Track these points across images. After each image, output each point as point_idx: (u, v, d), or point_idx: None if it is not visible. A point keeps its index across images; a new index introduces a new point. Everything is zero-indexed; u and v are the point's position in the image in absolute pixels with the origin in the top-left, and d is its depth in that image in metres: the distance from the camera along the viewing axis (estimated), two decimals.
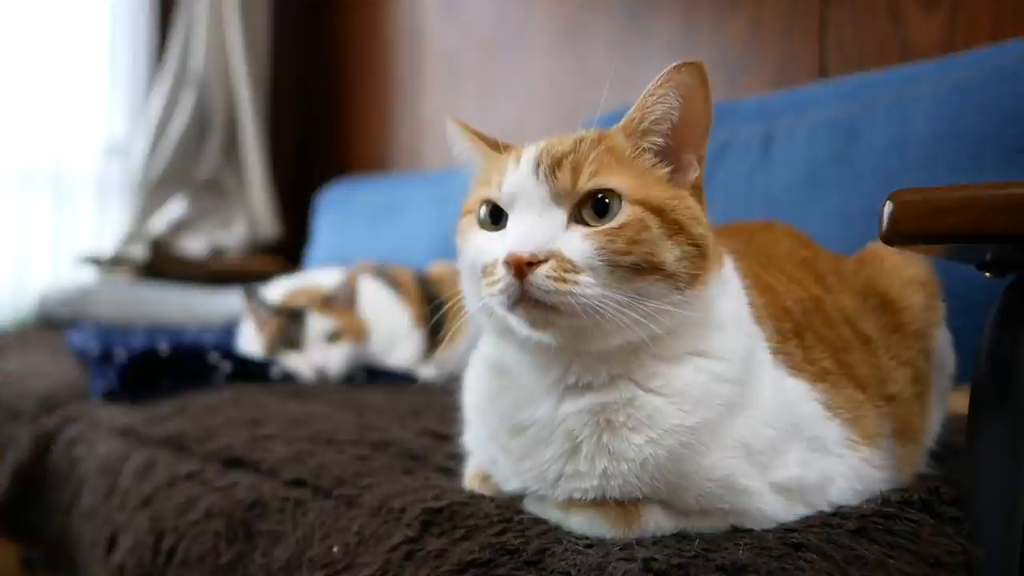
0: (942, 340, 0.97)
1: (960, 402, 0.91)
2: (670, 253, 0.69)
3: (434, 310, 2.02)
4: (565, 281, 0.66)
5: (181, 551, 0.98)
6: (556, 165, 0.71)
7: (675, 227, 0.70)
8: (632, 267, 0.68)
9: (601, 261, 0.67)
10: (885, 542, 0.68)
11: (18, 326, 2.96)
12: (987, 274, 0.74)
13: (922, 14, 1.72)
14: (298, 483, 0.96)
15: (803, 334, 0.83)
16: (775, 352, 0.78)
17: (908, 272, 0.95)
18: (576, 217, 0.70)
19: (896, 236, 0.66)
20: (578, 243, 0.68)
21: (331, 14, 3.65)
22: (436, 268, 2.19)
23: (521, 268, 0.66)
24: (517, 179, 0.72)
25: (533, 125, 2.57)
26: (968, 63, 1.44)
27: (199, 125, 3.46)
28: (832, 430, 0.77)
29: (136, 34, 3.43)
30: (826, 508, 0.75)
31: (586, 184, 0.70)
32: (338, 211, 3.11)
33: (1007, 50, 1.39)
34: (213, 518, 0.98)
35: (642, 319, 0.68)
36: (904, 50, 1.75)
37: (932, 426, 0.94)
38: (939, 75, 1.47)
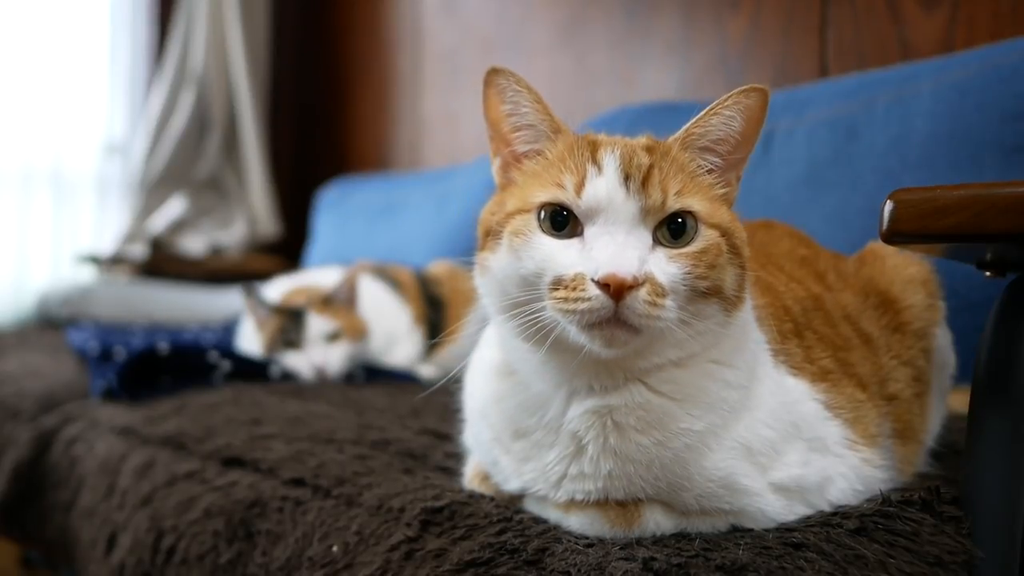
0: (942, 340, 0.97)
1: (960, 402, 0.91)
2: (729, 276, 0.70)
3: (434, 310, 2.02)
4: (656, 306, 0.65)
5: (181, 550, 0.98)
6: (646, 179, 0.69)
7: (734, 251, 0.71)
8: (704, 291, 0.68)
9: (685, 286, 0.67)
10: (885, 542, 0.68)
11: (18, 326, 2.96)
12: (987, 273, 0.74)
13: (922, 14, 1.72)
14: (298, 482, 0.96)
15: (803, 333, 0.83)
16: (776, 352, 0.79)
17: (909, 271, 0.95)
18: (653, 236, 0.69)
19: (896, 235, 0.66)
20: (666, 266, 0.67)
21: (331, 13, 3.65)
22: (436, 268, 2.18)
23: (621, 291, 0.64)
24: (605, 189, 0.69)
25: None
26: (968, 63, 1.44)
27: (199, 124, 3.46)
28: (832, 430, 0.77)
29: (136, 34, 3.43)
30: (826, 508, 0.75)
31: (675, 204, 0.69)
32: (338, 210, 3.11)
33: (1007, 50, 1.39)
34: (213, 517, 0.97)
35: (692, 338, 0.69)
36: (904, 50, 1.75)
37: (932, 426, 0.94)
38: (939, 75, 1.47)
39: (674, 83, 2.23)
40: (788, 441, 0.74)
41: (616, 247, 0.67)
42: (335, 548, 0.81)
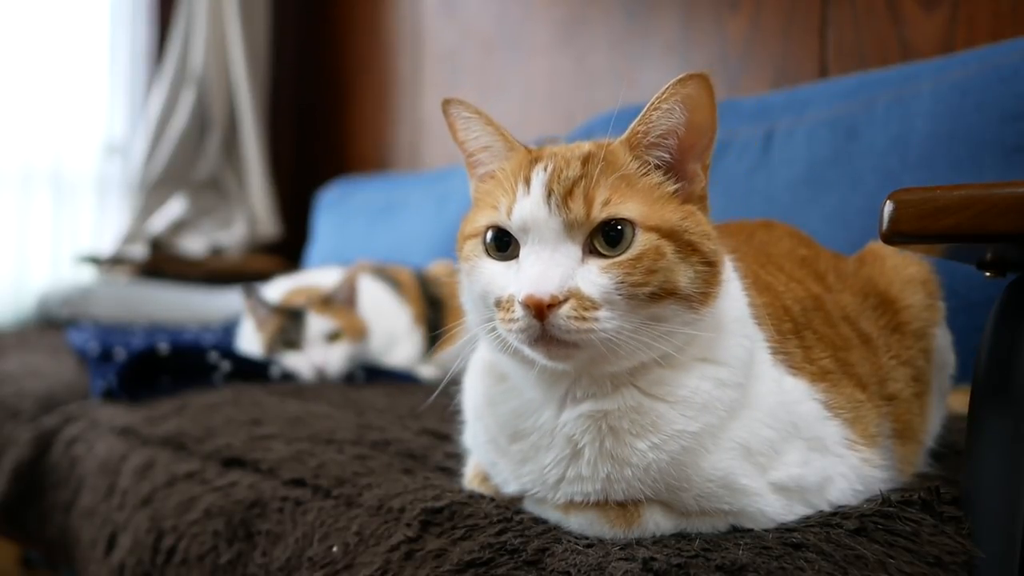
0: (942, 340, 0.96)
1: (960, 402, 0.91)
2: (684, 276, 0.69)
3: (434, 310, 2.02)
4: (585, 320, 0.65)
5: (181, 550, 0.98)
6: (568, 194, 0.69)
7: (688, 249, 0.70)
8: (649, 296, 0.68)
9: (620, 295, 0.67)
10: (885, 542, 0.68)
11: (18, 326, 2.96)
12: (987, 274, 0.74)
13: (922, 14, 1.72)
14: (298, 483, 0.96)
15: (803, 333, 0.83)
16: (774, 352, 0.78)
17: (908, 271, 0.95)
18: (589, 247, 0.69)
19: (896, 235, 0.66)
20: (596, 278, 0.67)
21: (331, 14, 3.65)
22: (436, 268, 2.19)
23: (542, 310, 0.65)
24: (529, 208, 0.69)
25: (533, 124, 2.57)
26: (968, 63, 1.44)
27: (199, 125, 3.46)
28: (832, 430, 0.77)
29: (136, 34, 3.43)
30: (826, 508, 0.75)
31: (600, 214, 0.68)
32: (338, 211, 3.11)
33: (1007, 50, 1.39)
34: (213, 518, 0.97)
35: (654, 341, 0.68)
36: (904, 50, 1.75)
37: (932, 426, 0.94)
38: (939, 75, 1.47)
39: None
40: (787, 441, 0.74)
41: (541, 266, 0.67)
42: (335, 548, 0.81)
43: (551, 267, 0.67)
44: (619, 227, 0.69)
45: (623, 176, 0.71)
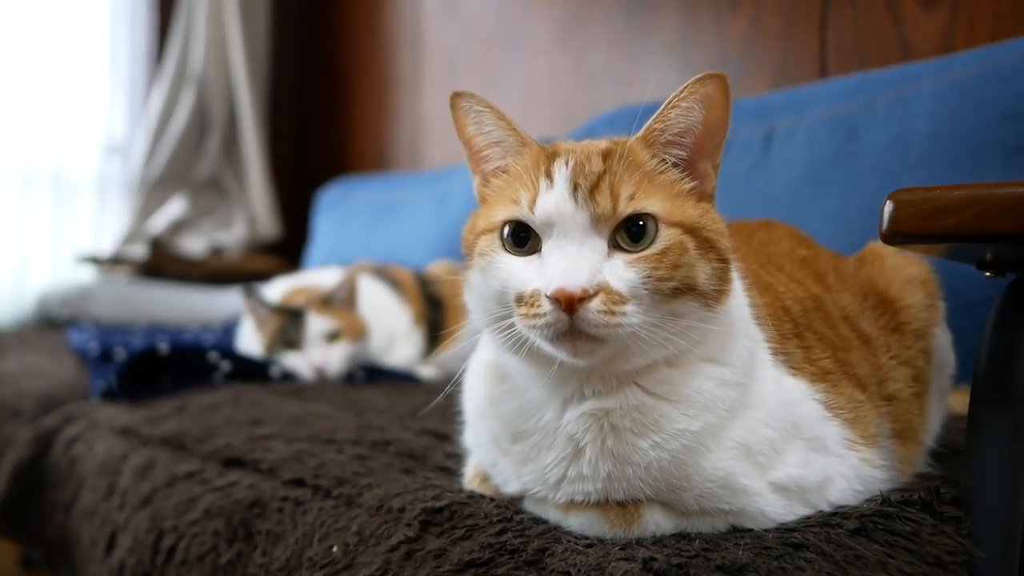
0: (942, 340, 0.96)
1: (960, 402, 0.91)
2: (702, 272, 0.69)
3: (434, 310, 2.02)
4: (614, 314, 0.65)
5: (181, 550, 0.98)
6: (594, 188, 0.69)
7: (707, 245, 0.70)
8: (672, 291, 0.68)
9: (646, 290, 0.67)
10: (885, 542, 0.68)
11: (18, 326, 2.96)
12: (987, 274, 0.74)
13: (922, 14, 1.72)
14: (298, 483, 0.96)
15: (803, 334, 0.83)
16: (775, 352, 0.78)
17: (908, 271, 0.95)
18: (612, 241, 0.69)
19: (896, 235, 0.66)
20: (623, 272, 0.67)
21: (331, 14, 3.65)
22: (436, 268, 2.19)
23: (572, 304, 0.65)
24: (554, 202, 0.69)
25: (532, 123, 2.56)
26: (968, 63, 1.44)
27: (199, 125, 3.46)
28: (832, 430, 0.77)
29: (136, 34, 3.43)
30: (826, 508, 0.75)
31: (626, 209, 0.68)
32: (338, 211, 3.11)
33: (1007, 50, 1.39)
34: (213, 518, 0.97)
35: (673, 337, 0.68)
36: (904, 50, 1.75)
37: (932, 426, 0.94)
38: (939, 75, 1.47)
39: (674, 83, 2.21)
40: (788, 441, 0.74)
41: (568, 260, 0.67)
42: (335, 548, 0.81)
43: (579, 261, 0.67)
44: (642, 222, 0.69)
45: (644, 173, 0.71)
